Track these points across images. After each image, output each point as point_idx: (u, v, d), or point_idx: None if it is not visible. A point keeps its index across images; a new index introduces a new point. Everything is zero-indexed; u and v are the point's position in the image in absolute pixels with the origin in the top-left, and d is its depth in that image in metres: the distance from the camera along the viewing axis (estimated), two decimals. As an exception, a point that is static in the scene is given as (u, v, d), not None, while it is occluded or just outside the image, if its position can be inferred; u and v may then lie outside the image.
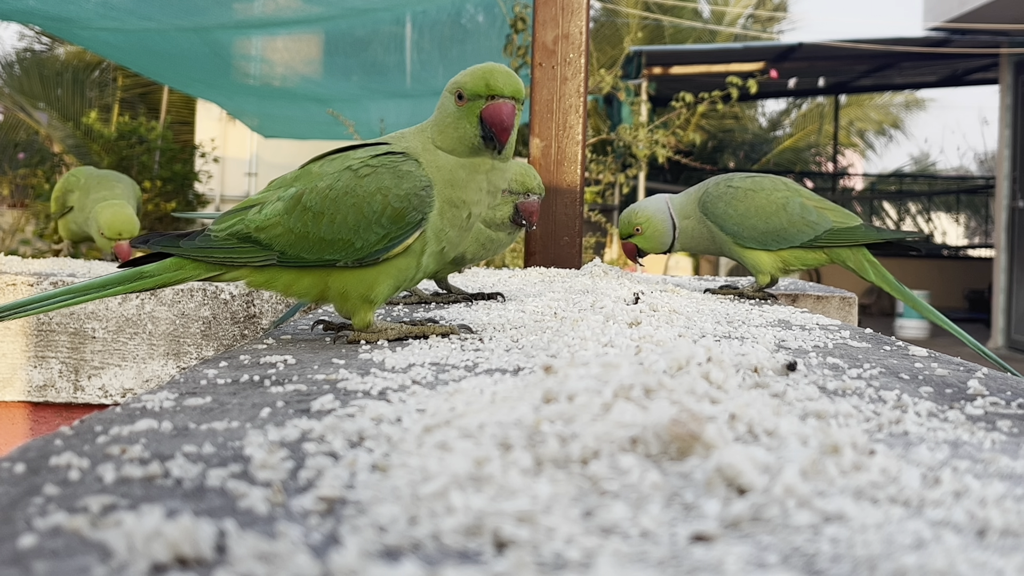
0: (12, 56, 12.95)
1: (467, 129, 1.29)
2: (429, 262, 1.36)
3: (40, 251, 8.84)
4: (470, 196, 1.32)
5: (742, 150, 15.81)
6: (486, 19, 6.32)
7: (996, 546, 0.49)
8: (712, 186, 2.26)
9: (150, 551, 0.45)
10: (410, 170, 1.30)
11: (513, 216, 1.92)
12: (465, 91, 1.29)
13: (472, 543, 0.48)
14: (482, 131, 1.28)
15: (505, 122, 1.27)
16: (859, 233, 2.17)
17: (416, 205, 1.29)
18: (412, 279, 1.37)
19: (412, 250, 1.33)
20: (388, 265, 1.33)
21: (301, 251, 1.31)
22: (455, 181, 1.30)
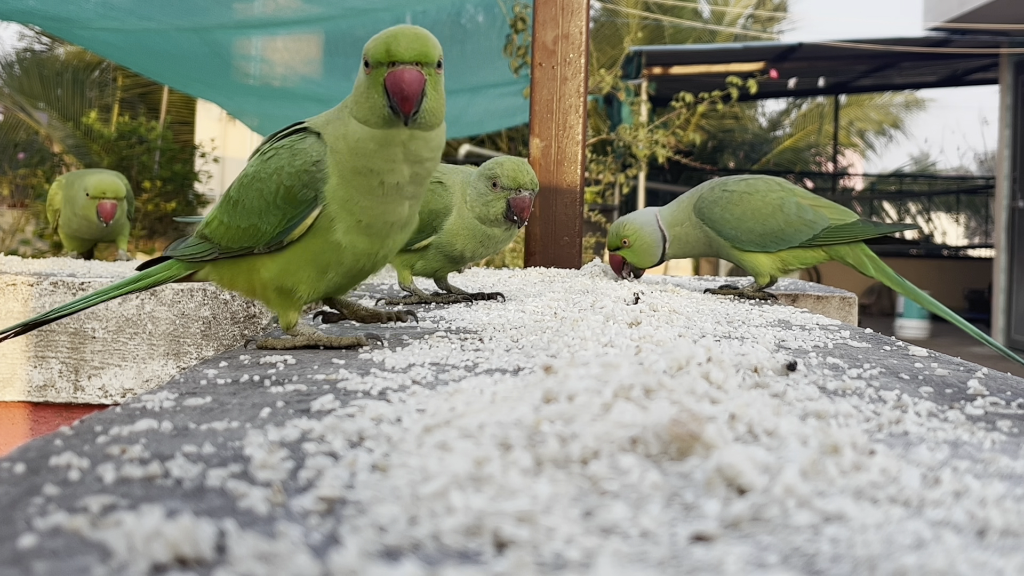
0: (12, 56, 12.95)
1: (376, 99, 1.19)
2: (357, 240, 1.25)
3: (40, 251, 8.85)
4: (379, 164, 1.21)
5: (742, 150, 15.81)
6: (486, 19, 6.32)
7: (996, 546, 0.49)
8: (707, 191, 2.25)
9: (150, 551, 0.45)
10: (303, 147, 1.24)
11: (505, 212, 1.92)
12: (369, 58, 1.19)
13: (472, 543, 0.48)
14: (388, 101, 1.17)
15: (406, 91, 1.15)
16: (857, 229, 2.17)
17: (307, 182, 1.23)
18: (341, 262, 1.27)
19: (318, 228, 1.24)
20: (298, 249, 1.26)
21: (229, 241, 1.30)
22: (361, 150, 1.21)
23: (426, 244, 1.93)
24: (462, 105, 8.25)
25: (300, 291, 1.28)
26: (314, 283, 1.28)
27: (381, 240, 1.27)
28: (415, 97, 1.16)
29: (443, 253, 1.95)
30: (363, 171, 1.21)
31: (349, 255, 1.26)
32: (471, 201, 1.93)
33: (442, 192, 1.92)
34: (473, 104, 8.21)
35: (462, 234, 1.93)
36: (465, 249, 1.95)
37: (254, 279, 1.30)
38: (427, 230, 1.92)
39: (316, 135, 1.24)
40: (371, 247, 1.27)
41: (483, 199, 1.92)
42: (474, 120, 9.21)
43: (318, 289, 1.29)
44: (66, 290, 2.21)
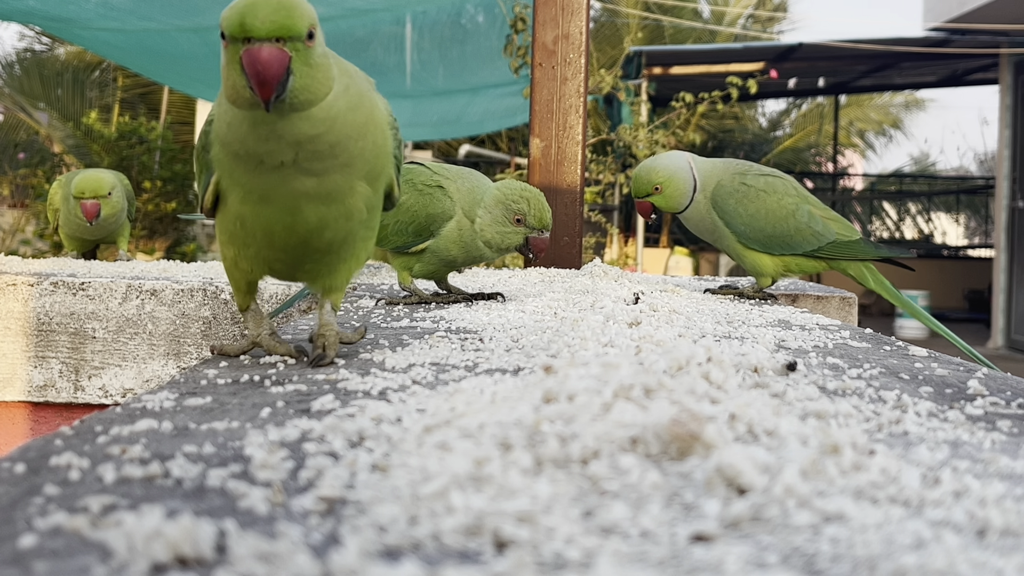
0: (12, 56, 12.96)
1: (235, 78, 1.00)
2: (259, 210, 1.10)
3: (40, 251, 8.85)
4: (253, 146, 1.05)
5: (742, 150, 15.80)
6: (486, 19, 6.32)
7: (996, 546, 0.50)
8: (727, 178, 2.21)
9: (150, 551, 0.45)
10: (212, 107, 1.14)
11: (521, 247, 1.90)
12: (224, 30, 0.99)
13: (472, 543, 0.48)
14: (247, 82, 0.98)
15: (263, 74, 0.96)
16: (859, 249, 2.21)
17: (204, 143, 1.14)
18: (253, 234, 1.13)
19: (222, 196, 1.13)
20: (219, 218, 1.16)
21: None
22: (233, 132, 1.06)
23: (422, 248, 1.93)
24: (462, 105, 8.26)
25: (235, 273, 1.18)
26: (244, 261, 1.16)
27: (291, 213, 1.09)
28: (275, 80, 0.97)
29: (439, 257, 1.95)
30: (239, 152, 1.06)
31: (257, 228, 1.11)
32: (483, 225, 1.90)
33: (441, 197, 1.91)
34: (473, 104, 8.21)
35: (458, 243, 1.92)
36: (459, 256, 1.95)
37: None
38: (424, 234, 1.92)
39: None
40: (280, 220, 1.10)
41: (499, 228, 1.89)
42: (474, 120, 9.22)
43: (253, 266, 1.17)
44: (66, 290, 2.22)
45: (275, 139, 1.03)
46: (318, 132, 1.04)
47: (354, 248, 1.19)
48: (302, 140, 1.04)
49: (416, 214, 1.91)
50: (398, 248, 1.95)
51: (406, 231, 1.92)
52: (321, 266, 1.18)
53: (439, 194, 1.91)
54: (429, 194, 1.91)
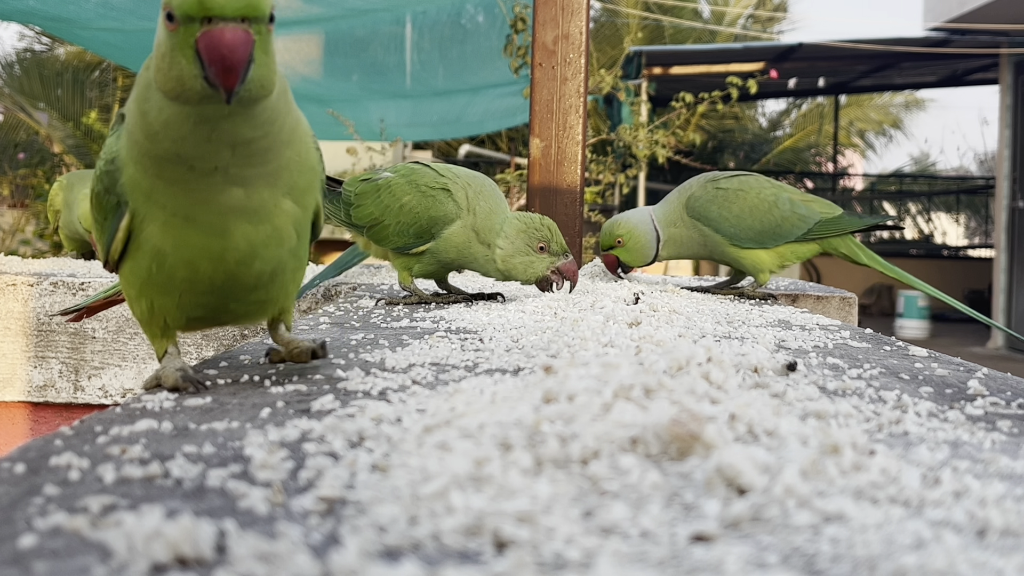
0: (12, 56, 12.96)
1: (183, 67, 0.86)
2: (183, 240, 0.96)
3: (40, 251, 8.85)
4: (187, 149, 0.91)
5: (742, 150, 15.81)
6: (486, 19, 6.32)
7: (996, 546, 0.49)
8: (697, 189, 2.24)
9: (150, 551, 0.45)
10: (108, 143, 1.00)
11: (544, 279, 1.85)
12: (174, 8, 0.85)
13: (472, 543, 0.48)
14: (202, 70, 0.85)
15: (228, 59, 0.84)
16: (844, 221, 2.24)
17: (107, 185, 0.97)
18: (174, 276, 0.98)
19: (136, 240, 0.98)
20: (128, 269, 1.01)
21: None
22: (164, 133, 0.91)
23: (423, 250, 1.93)
24: (462, 105, 8.25)
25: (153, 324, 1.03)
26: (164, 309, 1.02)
27: (220, 237, 0.96)
28: (241, 66, 0.85)
29: (438, 259, 1.95)
30: (166, 157, 0.91)
31: (179, 264, 0.97)
32: (505, 256, 1.86)
33: (444, 199, 1.89)
34: (473, 104, 8.21)
35: (456, 248, 1.91)
36: (457, 259, 1.94)
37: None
38: (425, 236, 1.91)
39: (122, 120, 0.98)
40: (207, 249, 0.96)
41: (523, 259, 1.85)
42: (474, 120, 9.21)
43: (172, 316, 1.03)
44: (66, 290, 2.21)
45: (212, 139, 0.90)
46: (256, 135, 0.93)
47: (284, 284, 1.06)
48: (241, 142, 0.92)
49: (418, 216, 1.90)
50: (399, 249, 1.95)
51: (407, 232, 1.92)
52: (249, 306, 1.05)
53: (443, 196, 1.90)
54: (432, 196, 1.90)
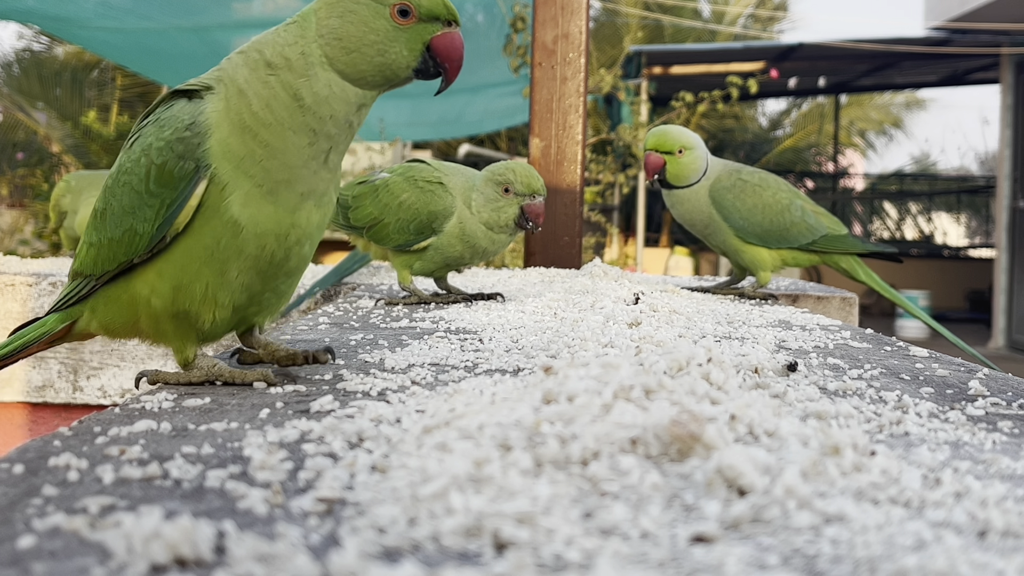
0: (11, 56, 12.95)
1: (400, 56, 1.01)
2: (259, 212, 0.98)
3: (39, 251, 8.85)
4: (328, 127, 0.99)
5: (742, 150, 15.80)
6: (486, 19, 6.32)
7: (997, 547, 0.49)
8: (724, 174, 2.25)
9: (149, 552, 0.45)
10: (170, 115, 0.99)
11: (518, 219, 1.90)
12: (417, 7, 1.01)
13: (472, 544, 0.48)
14: (421, 63, 1.03)
15: (462, 58, 1.06)
16: (849, 242, 2.28)
17: (182, 152, 0.96)
18: (243, 250, 0.98)
19: (207, 208, 0.96)
20: (186, 245, 0.98)
21: (104, 263, 1.03)
22: (319, 109, 0.98)
23: (425, 246, 1.93)
24: (462, 105, 8.25)
25: (202, 313, 1.01)
26: (217, 293, 1.00)
27: (290, 213, 1.00)
28: (460, 66, 1.05)
29: (442, 255, 1.95)
30: (299, 128, 0.97)
31: (251, 238, 0.98)
32: (478, 207, 1.91)
33: (442, 193, 1.91)
34: (473, 104, 8.21)
35: (463, 238, 1.92)
36: (464, 252, 1.94)
37: (140, 309, 1.02)
38: (426, 232, 1.91)
39: (188, 95, 1.00)
40: (278, 224, 0.99)
41: (493, 205, 1.90)
42: (474, 120, 9.22)
43: (223, 301, 1.01)
44: (66, 290, 2.21)
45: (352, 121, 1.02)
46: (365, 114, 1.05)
47: (300, 275, 1.10)
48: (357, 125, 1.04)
49: (418, 211, 1.91)
50: (399, 246, 1.94)
51: (407, 229, 1.92)
52: (273, 298, 1.08)
53: (440, 191, 1.91)
54: (430, 191, 1.91)
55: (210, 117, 0.97)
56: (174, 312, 1.00)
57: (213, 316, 1.01)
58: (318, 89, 0.98)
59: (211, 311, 1.01)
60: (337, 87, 0.99)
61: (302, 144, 0.98)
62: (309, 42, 0.99)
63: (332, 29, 0.99)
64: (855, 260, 2.30)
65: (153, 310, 1.00)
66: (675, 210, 2.30)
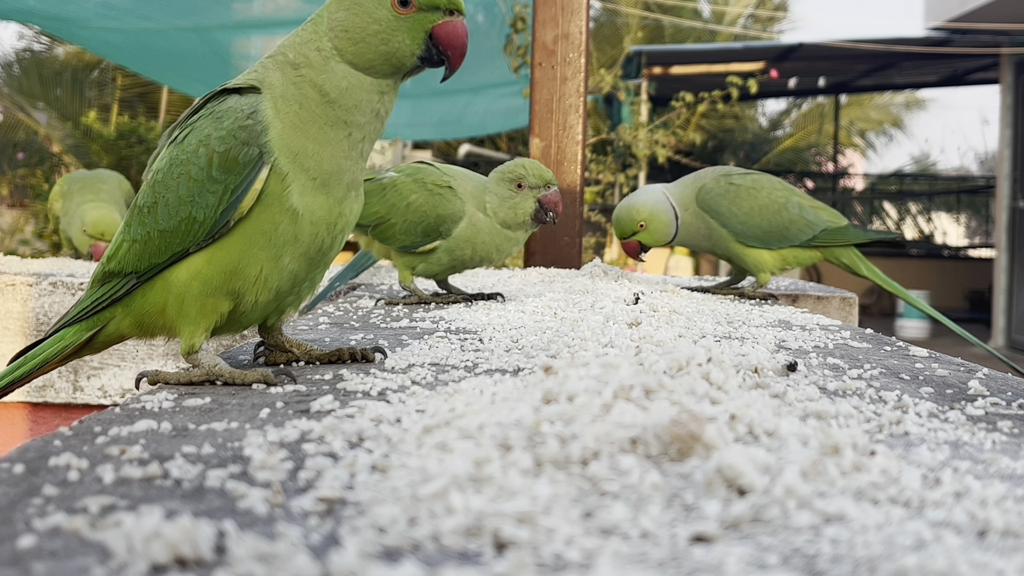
0: (11, 56, 12.95)
1: (404, 44, 1.05)
2: (314, 203, 1.04)
3: (39, 251, 8.84)
4: (357, 116, 1.05)
5: (742, 150, 15.80)
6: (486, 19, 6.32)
7: (997, 547, 0.49)
8: (711, 181, 2.24)
9: (149, 552, 0.45)
10: (227, 107, 1.04)
11: (536, 212, 1.91)
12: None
13: (472, 544, 0.48)
14: (425, 51, 1.06)
15: (465, 46, 1.08)
16: (849, 233, 2.26)
17: (245, 138, 1.01)
18: (298, 238, 1.04)
19: (268, 195, 1.02)
20: (246, 229, 1.02)
21: (151, 257, 1.05)
22: (343, 100, 1.04)
23: (431, 248, 1.93)
24: (462, 105, 8.25)
25: (249, 295, 1.05)
26: (268, 276, 1.04)
27: (339, 204, 1.07)
28: (464, 53, 1.09)
29: (451, 257, 1.95)
30: (334, 122, 1.04)
31: (307, 226, 1.04)
32: (493, 207, 1.91)
33: (451, 197, 1.91)
34: (473, 104, 8.21)
35: (475, 241, 1.92)
36: (475, 255, 1.95)
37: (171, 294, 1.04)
38: (433, 235, 1.92)
39: (238, 93, 1.05)
40: (329, 213, 1.06)
41: (509, 203, 1.91)
42: (475, 121, 9.21)
43: (272, 283, 1.05)
44: (65, 290, 2.21)
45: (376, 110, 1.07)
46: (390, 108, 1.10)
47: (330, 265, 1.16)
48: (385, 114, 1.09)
49: (426, 214, 1.91)
50: (405, 247, 1.95)
51: (415, 231, 1.92)
52: (310, 286, 1.13)
53: (450, 195, 1.92)
54: (440, 194, 1.91)
55: (266, 113, 1.03)
56: (215, 290, 1.03)
57: (256, 298, 1.05)
58: (337, 81, 1.04)
59: (256, 293, 1.05)
60: (353, 77, 1.04)
61: (340, 137, 1.04)
62: (321, 36, 1.05)
63: (340, 22, 1.05)
64: (856, 255, 2.28)
65: (187, 292, 1.03)
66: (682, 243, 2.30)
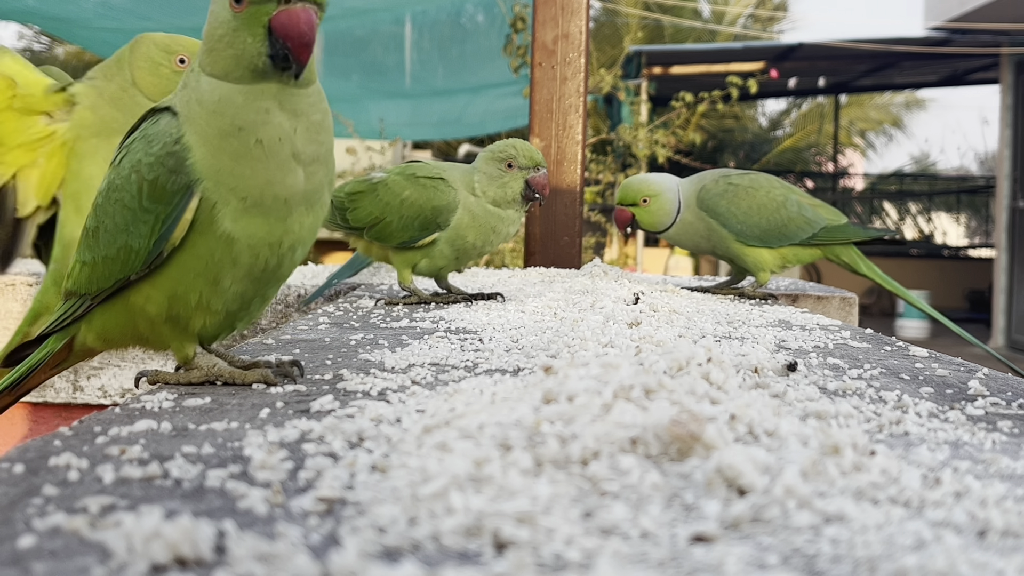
0: (12, 56, 12.94)
1: (247, 44, 0.94)
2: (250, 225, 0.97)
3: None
4: (248, 118, 0.95)
5: (742, 150, 15.81)
6: (486, 19, 6.33)
7: (997, 547, 0.49)
8: (710, 182, 2.25)
9: (149, 552, 0.45)
10: (157, 129, 0.99)
11: (524, 191, 1.93)
12: None
13: (472, 544, 0.48)
14: (270, 48, 0.94)
15: (306, 35, 0.93)
16: (850, 231, 2.26)
17: (173, 166, 0.96)
18: (237, 261, 0.98)
19: (200, 223, 0.96)
20: (182, 259, 0.98)
21: (99, 281, 1.02)
22: (222, 109, 0.95)
23: (431, 240, 1.94)
24: (462, 105, 8.26)
25: (195, 319, 1.02)
26: (210, 301, 1.00)
27: (282, 222, 0.99)
28: (312, 43, 0.94)
29: (453, 247, 1.96)
30: (230, 131, 0.95)
31: (244, 249, 0.98)
32: (483, 187, 1.94)
33: (445, 188, 1.93)
34: (473, 104, 8.22)
35: (474, 225, 1.94)
36: (476, 240, 1.96)
37: (138, 320, 1.03)
38: (431, 227, 1.92)
39: (167, 111, 1.00)
40: (271, 234, 0.98)
41: (498, 181, 1.93)
42: (475, 121, 9.21)
43: (216, 307, 1.01)
44: (66, 290, 2.21)
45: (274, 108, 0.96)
46: (313, 110, 0.99)
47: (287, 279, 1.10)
48: (301, 112, 0.98)
49: (421, 207, 1.92)
50: (403, 243, 1.95)
51: (411, 225, 1.93)
52: (261, 302, 1.07)
53: (443, 186, 1.93)
54: (432, 187, 1.93)
55: (187, 136, 0.96)
56: (168, 317, 1.01)
57: (204, 322, 1.02)
58: (208, 95, 0.96)
59: (203, 317, 1.01)
60: (221, 88, 0.95)
61: (249, 144, 0.95)
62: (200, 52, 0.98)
63: (204, 33, 0.98)
64: (856, 253, 2.28)
65: (149, 315, 1.01)
66: (675, 241, 2.31)
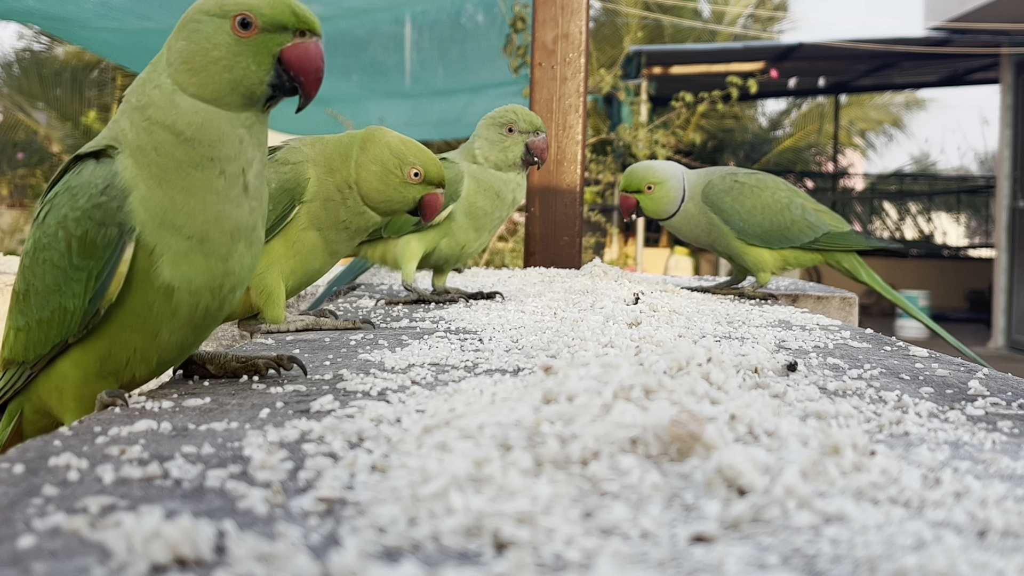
0: (11, 56, 12.96)
1: (250, 71, 0.93)
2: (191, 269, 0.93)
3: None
4: (224, 150, 0.92)
5: (742, 150, 15.79)
6: (486, 19, 6.33)
7: (997, 547, 0.49)
8: (717, 178, 2.26)
9: (149, 552, 0.45)
10: (81, 180, 0.93)
11: (524, 156, 1.99)
12: (259, 17, 0.93)
13: (472, 544, 0.48)
14: (275, 77, 0.94)
15: (320, 71, 0.95)
16: (852, 239, 2.27)
17: (100, 219, 0.90)
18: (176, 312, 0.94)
19: (137, 273, 0.91)
20: (118, 316, 0.94)
21: (36, 348, 0.97)
22: (199, 136, 0.92)
23: (447, 215, 1.97)
24: (462, 105, 8.25)
25: (125, 375, 0.97)
26: (144, 352, 0.96)
27: (223, 262, 0.95)
28: (322, 79, 0.96)
29: (468, 216, 1.99)
30: (198, 162, 0.92)
31: (185, 297, 0.94)
32: (483, 151, 1.99)
33: (451, 165, 1.99)
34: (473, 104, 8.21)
35: (480, 190, 1.99)
36: (487, 205, 2.00)
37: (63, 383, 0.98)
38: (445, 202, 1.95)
39: (95, 157, 0.95)
40: (211, 276, 0.94)
41: (499, 146, 1.99)
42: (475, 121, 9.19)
43: (150, 359, 0.97)
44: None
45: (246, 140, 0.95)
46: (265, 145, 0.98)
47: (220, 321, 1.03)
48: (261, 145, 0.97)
49: None
50: (415, 228, 1.96)
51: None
52: (199, 341, 1.02)
53: (448, 163, 1.99)
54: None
55: (125, 176, 0.91)
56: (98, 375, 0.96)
57: (134, 376, 0.98)
58: (188, 117, 0.92)
59: (134, 371, 0.97)
60: (206, 111, 0.93)
61: (211, 177, 0.92)
62: (160, 73, 0.94)
63: (179, 52, 0.94)
64: (857, 260, 2.29)
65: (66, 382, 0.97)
66: (676, 232, 2.31)
